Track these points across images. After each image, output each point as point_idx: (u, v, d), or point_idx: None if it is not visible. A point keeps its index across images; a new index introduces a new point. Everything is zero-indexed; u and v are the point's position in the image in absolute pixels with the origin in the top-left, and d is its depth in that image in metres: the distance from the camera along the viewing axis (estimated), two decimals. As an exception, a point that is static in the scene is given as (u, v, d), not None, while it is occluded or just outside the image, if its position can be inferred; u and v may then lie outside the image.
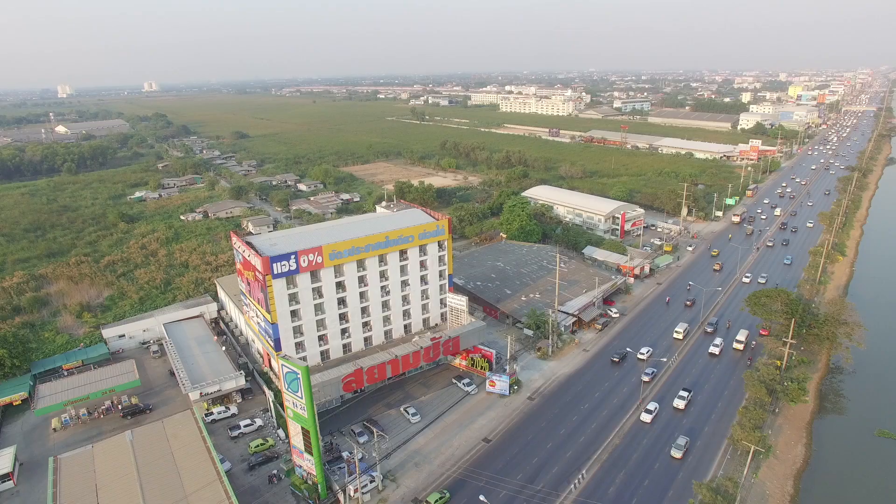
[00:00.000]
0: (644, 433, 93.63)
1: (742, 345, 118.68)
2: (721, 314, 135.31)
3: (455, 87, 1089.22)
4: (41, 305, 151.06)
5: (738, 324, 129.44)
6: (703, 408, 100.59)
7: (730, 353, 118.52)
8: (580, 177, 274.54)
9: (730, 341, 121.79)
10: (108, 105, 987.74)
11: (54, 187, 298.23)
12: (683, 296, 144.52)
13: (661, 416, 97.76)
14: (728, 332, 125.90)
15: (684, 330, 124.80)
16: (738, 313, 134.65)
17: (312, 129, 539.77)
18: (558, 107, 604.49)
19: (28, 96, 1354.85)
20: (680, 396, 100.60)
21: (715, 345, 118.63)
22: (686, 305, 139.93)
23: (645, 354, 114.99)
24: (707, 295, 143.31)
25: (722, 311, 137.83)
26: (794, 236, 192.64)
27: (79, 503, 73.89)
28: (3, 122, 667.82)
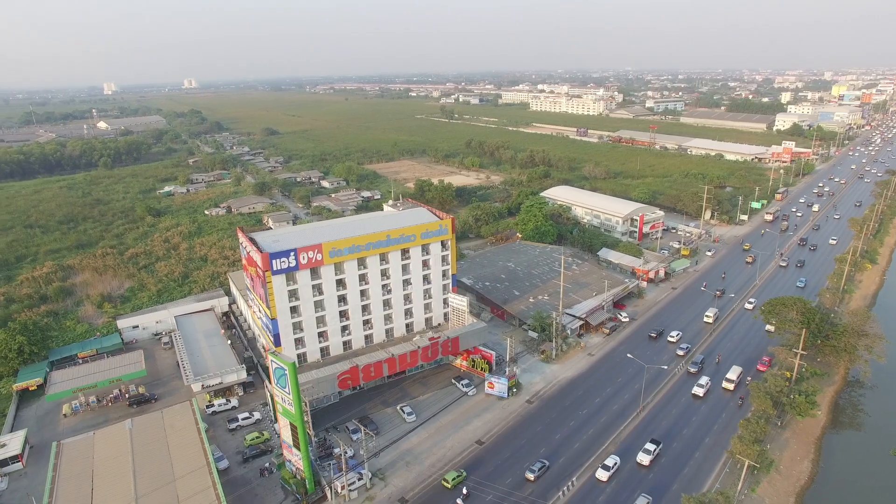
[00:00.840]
0: (600, 490, 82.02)
1: (733, 384, 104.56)
2: (714, 347, 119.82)
3: (487, 86, 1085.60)
4: (66, 295, 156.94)
5: (733, 359, 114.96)
6: (673, 464, 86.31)
7: (717, 394, 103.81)
8: (604, 177, 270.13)
9: (719, 380, 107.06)
10: (148, 101, 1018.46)
11: (90, 181, 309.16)
12: (699, 301, 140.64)
13: (622, 473, 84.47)
14: (718, 369, 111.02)
15: (714, 315, 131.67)
16: (739, 344, 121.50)
17: (341, 127, 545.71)
18: (589, 106, 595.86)
19: (76, 94, 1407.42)
20: (645, 450, 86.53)
21: (700, 385, 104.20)
22: (716, 295, 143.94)
23: (675, 337, 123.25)
24: (693, 332, 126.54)
25: (718, 341, 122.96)
26: (813, 256, 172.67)
27: (75, 487, 76.46)
28: (51, 118, 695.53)
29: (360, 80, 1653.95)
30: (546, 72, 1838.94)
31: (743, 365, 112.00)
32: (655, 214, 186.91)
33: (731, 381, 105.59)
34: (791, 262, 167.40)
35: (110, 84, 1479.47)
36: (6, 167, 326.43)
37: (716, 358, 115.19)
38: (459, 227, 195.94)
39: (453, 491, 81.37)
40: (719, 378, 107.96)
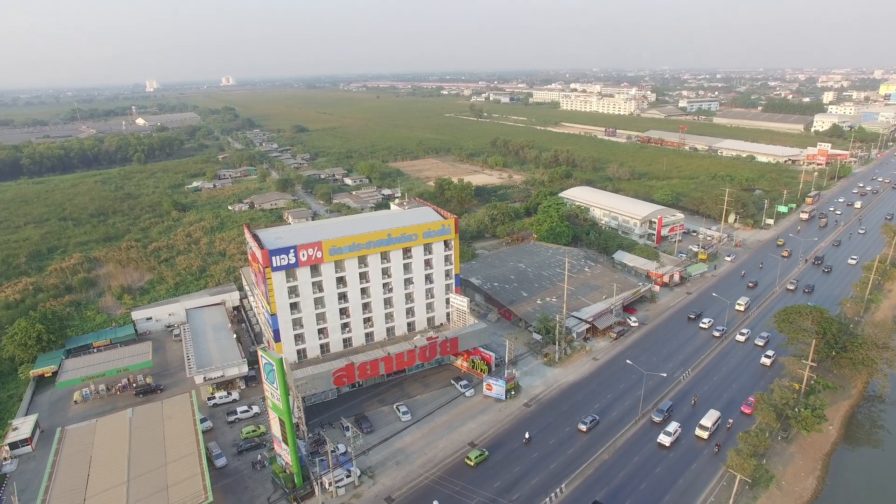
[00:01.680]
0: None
1: (707, 431, 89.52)
2: (693, 385, 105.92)
3: (519, 85, 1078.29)
4: (90, 286, 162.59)
5: (714, 400, 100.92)
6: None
7: (688, 444, 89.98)
8: (628, 178, 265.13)
9: (691, 426, 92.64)
10: (186, 99, 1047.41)
11: (124, 176, 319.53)
12: (712, 307, 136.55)
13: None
14: (693, 413, 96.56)
15: (745, 303, 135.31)
16: (725, 379, 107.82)
17: (370, 124, 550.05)
18: (620, 106, 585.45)
19: (120, 91, 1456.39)
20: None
21: (667, 433, 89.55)
22: (748, 287, 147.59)
23: (707, 324, 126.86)
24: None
25: (702, 376, 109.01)
26: (825, 280, 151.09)
27: (73, 471, 79.15)
28: (95, 114, 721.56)
29: (393, 79, 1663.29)
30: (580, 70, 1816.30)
31: (725, 406, 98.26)
32: (675, 217, 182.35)
33: (706, 429, 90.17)
34: (800, 285, 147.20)
35: (152, 82, 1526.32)
36: (48, 162, 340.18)
37: (691, 399, 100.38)
38: (475, 226, 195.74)
39: (475, 468, 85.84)
40: (693, 423, 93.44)
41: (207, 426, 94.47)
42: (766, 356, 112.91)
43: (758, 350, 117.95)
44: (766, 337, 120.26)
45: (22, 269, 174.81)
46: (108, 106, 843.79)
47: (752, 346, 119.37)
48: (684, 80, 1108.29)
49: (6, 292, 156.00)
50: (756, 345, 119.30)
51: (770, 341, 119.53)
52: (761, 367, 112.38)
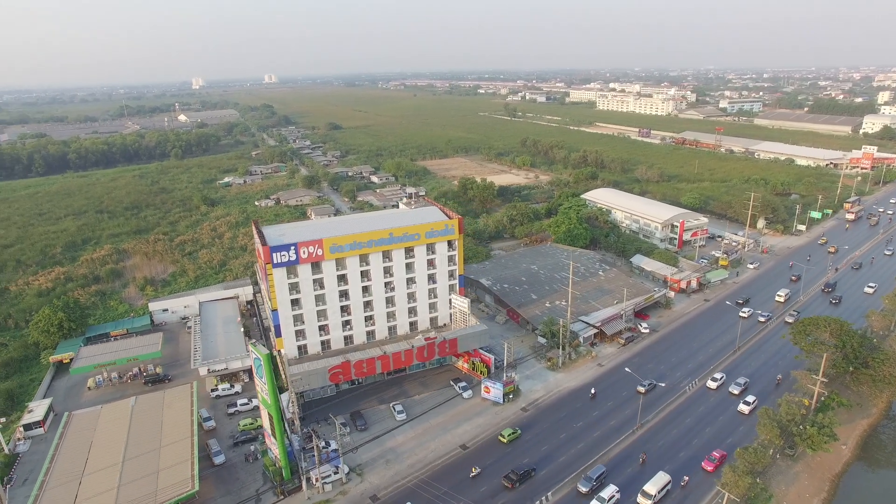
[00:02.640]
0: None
1: (651, 500, 76.03)
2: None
3: (558, 84, 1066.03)
4: (116, 276, 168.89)
5: (671, 456, 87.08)
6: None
7: None
8: (657, 180, 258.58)
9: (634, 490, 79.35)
10: (229, 96, 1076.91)
11: (161, 170, 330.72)
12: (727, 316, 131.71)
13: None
14: (642, 473, 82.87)
15: (786, 294, 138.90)
16: (694, 427, 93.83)
17: (403, 123, 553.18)
18: (657, 106, 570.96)
19: (168, 88, 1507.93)
20: None
21: (600, 499, 76.26)
22: (791, 280, 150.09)
23: (764, 317, 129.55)
24: None
25: (671, 420, 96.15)
26: (833, 313, 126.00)
27: (73, 454, 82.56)
28: (141, 111, 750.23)
29: (432, 77, 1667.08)
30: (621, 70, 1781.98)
31: (683, 465, 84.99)
32: (698, 221, 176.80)
33: (649, 497, 76.37)
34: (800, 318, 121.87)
35: (198, 79, 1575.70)
36: (92, 156, 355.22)
37: (640, 458, 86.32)
38: (493, 226, 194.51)
39: (508, 445, 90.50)
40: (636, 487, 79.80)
41: (211, 425, 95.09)
42: (744, 402, 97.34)
43: (733, 399, 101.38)
44: (744, 383, 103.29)
45: (57, 259, 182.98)
46: (155, 103, 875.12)
47: (727, 395, 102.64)
48: (728, 80, 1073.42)
49: (40, 281, 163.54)
50: (731, 392, 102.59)
51: (749, 387, 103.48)
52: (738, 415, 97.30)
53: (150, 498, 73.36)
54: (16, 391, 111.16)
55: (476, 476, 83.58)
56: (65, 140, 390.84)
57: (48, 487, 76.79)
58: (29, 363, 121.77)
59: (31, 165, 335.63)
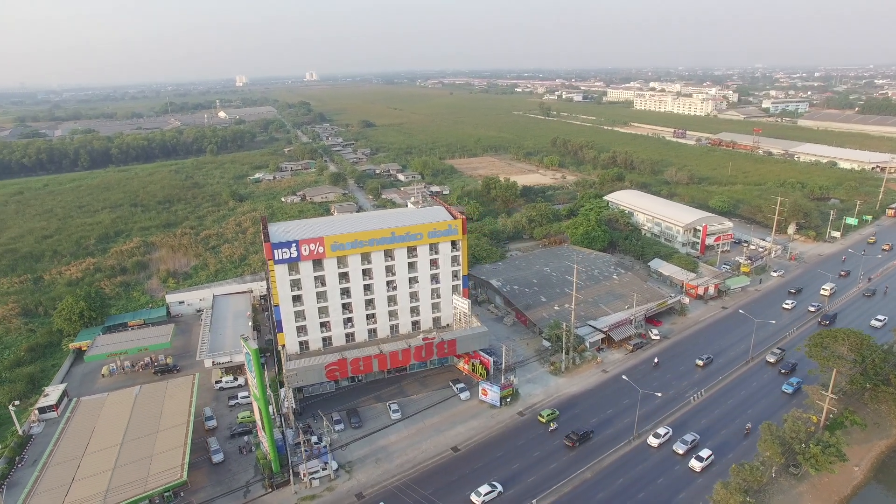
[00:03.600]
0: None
1: None
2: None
3: (597, 83, 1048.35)
4: (142, 268, 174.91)
5: None
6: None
7: None
8: (686, 182, 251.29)
9: None
10: (270, 93, 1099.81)
11: (196, 166, 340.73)
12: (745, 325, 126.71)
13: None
14: None
15: (831, 289, 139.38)
16: None
17: (436, 121, 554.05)
18: (696, 106, 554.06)
19: (213, 86, 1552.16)
20: None
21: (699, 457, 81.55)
22: (840, 275, 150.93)
23: (814, 308, 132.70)
24: None
25: None
26: None
27: (75, 437, 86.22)
28: (185, 108, 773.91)
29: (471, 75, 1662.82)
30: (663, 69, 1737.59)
31: None
32: (723, 226, 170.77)
33: None
34: (787, 361, 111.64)
35: (242, 77, 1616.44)
36: (133, 152, 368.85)
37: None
38: (511, 227, 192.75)
39: (547, 424, 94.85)
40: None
41: (212, 424, 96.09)
42: (696, 459, 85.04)
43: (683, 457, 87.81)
44: (693, 441, 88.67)
45: (89, 250, 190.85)
46: (199, 100, 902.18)
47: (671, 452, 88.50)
48: (776, 80, 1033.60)
49: (71, 271, 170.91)
50: (675, 452, 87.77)
51: (699, 444, 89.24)
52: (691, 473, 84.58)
53: (140, 483, 75.65)
54: (37, 375, 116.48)
55: None
56: (109, 136, 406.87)
57: (50, 466, 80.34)
58: (52, 349, 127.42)
59: (78, 160, 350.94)
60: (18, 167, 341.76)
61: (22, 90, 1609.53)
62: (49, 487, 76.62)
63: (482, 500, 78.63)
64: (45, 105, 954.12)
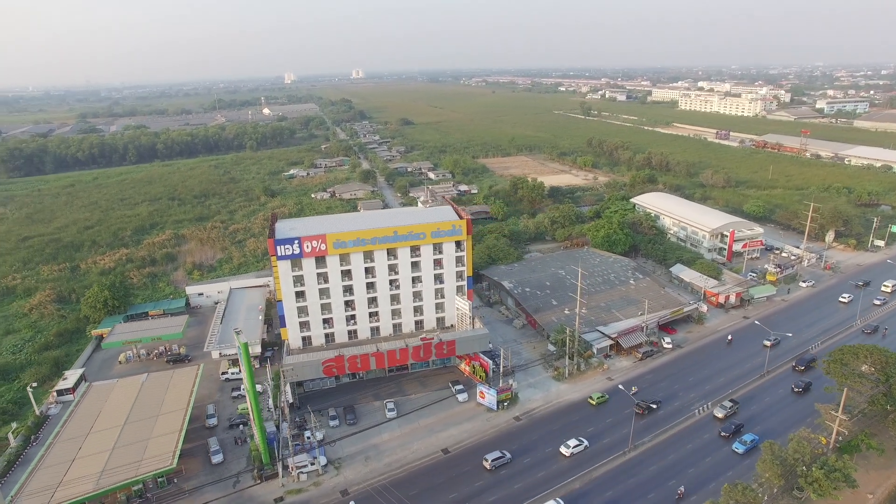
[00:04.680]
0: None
1: None
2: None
3: (643, 82, 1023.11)
4: (170, 260, 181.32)
5: None
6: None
7: None
8: (722, 185, 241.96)
9: None
10: (316, 90, 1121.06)
11: (235, 161, 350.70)
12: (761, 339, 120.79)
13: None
14: None
15: (892, 286, 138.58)
16: None
17: (475, 119, 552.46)
18: (744, 106, 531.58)
19: (262, 83, 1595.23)
20: None
21: None
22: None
23: (880, 303, 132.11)
24: None
25: None
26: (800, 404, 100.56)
27: (82, 419, 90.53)
28: (233, 104, 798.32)
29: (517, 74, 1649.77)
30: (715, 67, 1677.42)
31: None
32: (752, 231, 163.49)
33: None
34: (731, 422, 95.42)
35: (290, 74, 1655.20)
36: (177, 147, 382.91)
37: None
38: (533, 228, 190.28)
39: (596, 408, 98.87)
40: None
41: (213, 423, 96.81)
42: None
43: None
44: None
45: (124, 242, 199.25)
46: (247, 97, 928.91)
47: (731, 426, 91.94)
48: (836, 78, 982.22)
49: (105, 260, 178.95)
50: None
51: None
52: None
53: (133, 467, 78.45)
54: (62, 359, 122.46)
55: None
56: (156, 131, 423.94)
57: (56, 444, 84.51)
58: (79, 335, 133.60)
59: (126, 154, 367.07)
60: (73, 161, 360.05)
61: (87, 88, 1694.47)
62: (52, 464, 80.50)
63: (571, 451, 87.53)
64: (106, 102, 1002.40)
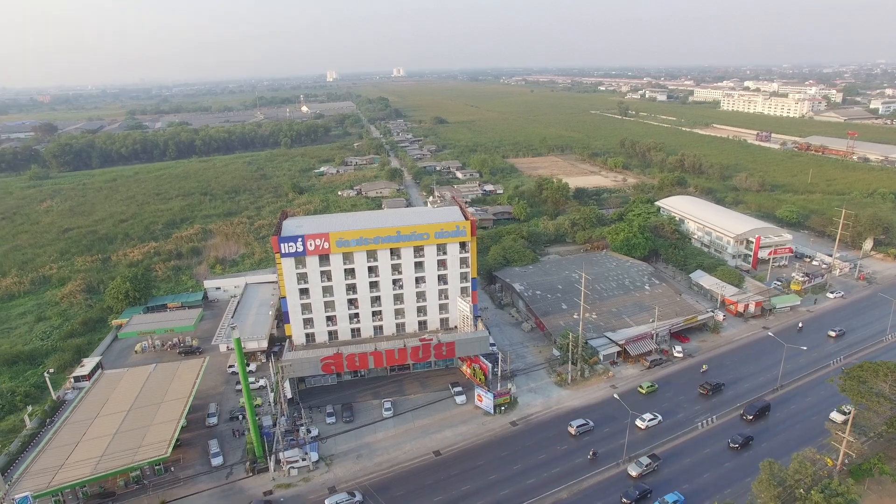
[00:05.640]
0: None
1: None
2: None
3: (686, 82, 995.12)
4: (195, 254, 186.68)
5: None
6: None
7: None
8: (756, 189, 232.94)
9: None
10: (356, 88, 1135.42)
11: (269, 158, 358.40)
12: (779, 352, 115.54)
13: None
14: None
15: None
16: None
17: (509, 119, 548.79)
18: (790, 107, 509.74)
19: (304, 80, 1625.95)
20: None
21: None
22: None
23: None
24: None
25: None
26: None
27: (90, 405, 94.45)
28: (273, 102, 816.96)
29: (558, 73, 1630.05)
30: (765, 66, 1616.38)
31: None
32: (780, 238, 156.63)
33: None
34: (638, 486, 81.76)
35: (332, 72, 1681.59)
36: (214, 143, 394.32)
37: None
38: (553, 230, 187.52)
39: (647, 396, 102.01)
40: None
41: (213, 422, 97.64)
42: None
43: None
44: None
45: (155, 235, 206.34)
46: (288, 94, 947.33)
47: None
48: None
49: (134, 253, 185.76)
50: None
51: None
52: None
53: (130, 454, 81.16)
54: (84, 347, 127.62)
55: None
56: (196, 128, 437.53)
57: (64, 426, 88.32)
58: (102, 324, 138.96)
59: (166, 150, 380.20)
60: (118, 156, 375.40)
61: (140, 86, 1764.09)
62: (58, 446, 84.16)
63: (646, 424, 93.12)
64: (156, 99, 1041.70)
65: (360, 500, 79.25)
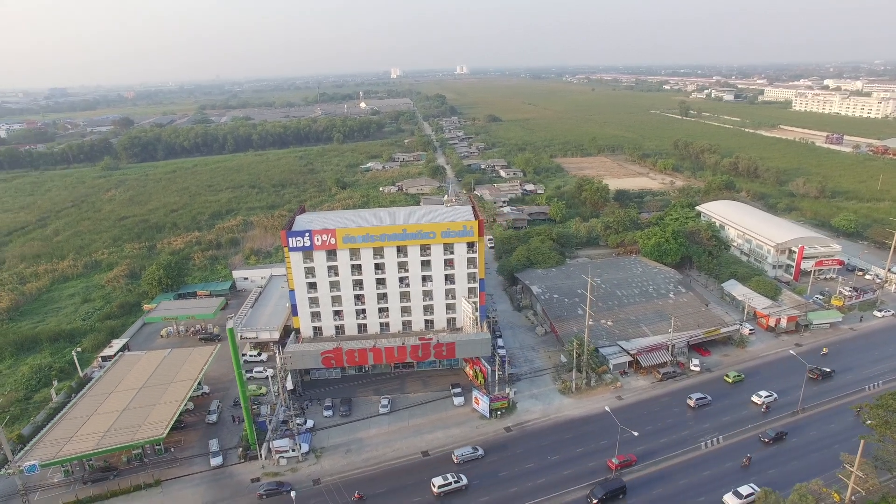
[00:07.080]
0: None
1: None
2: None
3: (759, 80, 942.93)
4: (234, 244, 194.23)
5: None
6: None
7: None
8: (815, 195, 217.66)
9: None
10: (417, 86, 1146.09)
11: (320, 153, 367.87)
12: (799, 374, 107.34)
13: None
14: None
15: None
16: None
17: (565, 118, 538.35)
18: (871, 107, 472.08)
19: (369, 77, 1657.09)
20: None
21: None
22: None
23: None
24: None
25: None
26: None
27: (106, 383, 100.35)
28: (335, 98, 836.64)
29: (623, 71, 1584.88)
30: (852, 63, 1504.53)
31: None
32: (827, 248, 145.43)
33: None
34: None
35: (396, 69, 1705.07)
36: (270, 138, 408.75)
37: None
38: (585, 232, 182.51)
39: (733, 385, 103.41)
40: None
41: (213, 419, 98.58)
42: None
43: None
44: None
45: (199, 225, 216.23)
46: (351, 91, 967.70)
47: None
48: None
49: (177, 242, 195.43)
50: None
51: None
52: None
53: (131, 432, 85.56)
54: (117, 329, 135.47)
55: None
56: (254, 123, 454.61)
57: (79, 401, 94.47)
58: (137, 308, 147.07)
59: (225, 144, 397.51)
60: (181, 149, 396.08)
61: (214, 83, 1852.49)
62: (71, 418, 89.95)
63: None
64: (226, 95, 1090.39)
65: (482, 454, 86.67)
